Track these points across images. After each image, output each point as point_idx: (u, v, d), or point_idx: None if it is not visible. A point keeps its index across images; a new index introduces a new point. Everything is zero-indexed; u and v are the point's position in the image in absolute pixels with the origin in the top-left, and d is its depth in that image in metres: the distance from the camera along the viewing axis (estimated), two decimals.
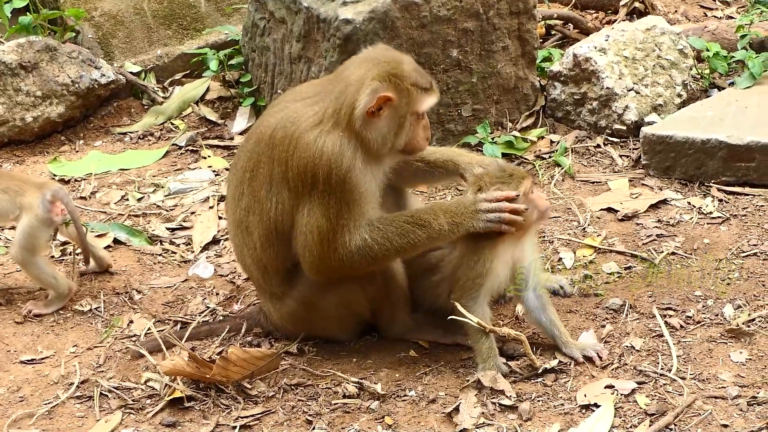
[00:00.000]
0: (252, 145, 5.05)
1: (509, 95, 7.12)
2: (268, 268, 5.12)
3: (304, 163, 4.80)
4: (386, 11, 6.60)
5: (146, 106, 7.84)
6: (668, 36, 7.26)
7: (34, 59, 7.47)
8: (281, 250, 5.03)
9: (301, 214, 4.87)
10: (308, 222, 4.83)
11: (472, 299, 4.98)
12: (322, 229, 4.82)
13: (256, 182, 4.99)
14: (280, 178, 4.90)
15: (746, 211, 6.14)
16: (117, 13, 8.05)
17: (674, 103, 7.07)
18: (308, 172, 4.80)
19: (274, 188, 4.93)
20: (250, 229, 5.06)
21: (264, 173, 4.96)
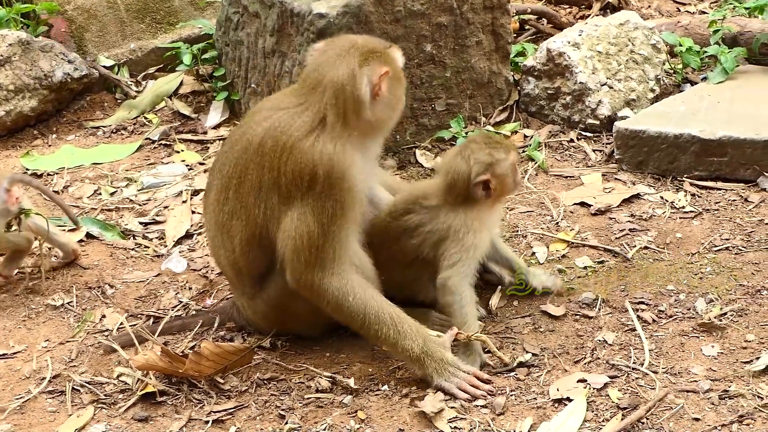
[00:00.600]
0: (238, 152, 5.02)
1: (483, 90, 7.13)
2: (243, 270, 5.12)
3: (300, 168, 4.79)
4: (360, 5, 6.59)
5: (119, 100, 7.81)
6: (641, 31, 7.28)
7: (6, 53, 7.43)
8: (258, 256, 5.04)
9: (290, 218, 4.85)
10: (298, 226, 4.82)
11: (463, 277, 5.07)
12: (313, 234, 4.80)
13: (243, 188, 4.98)
14: (270, 184, 4.89)
15: (718, 206, 6.16)
16: (90, 7, 8.01)
17: (647, 98, 7.10)
18: (305, 176, 4.79)
19: (263, 194, 4.92)
20: (231, 233, 5.05)
21: (253, 180, 4.95)
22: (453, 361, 4.85)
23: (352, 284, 4.86)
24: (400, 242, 5.20)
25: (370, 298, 4.87)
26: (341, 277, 4.85)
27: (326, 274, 4.84)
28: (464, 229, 5.10)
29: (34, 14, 7.93)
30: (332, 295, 4.85)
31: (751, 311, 5.23)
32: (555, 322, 5.28)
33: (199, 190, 6.65)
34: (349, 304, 4.85)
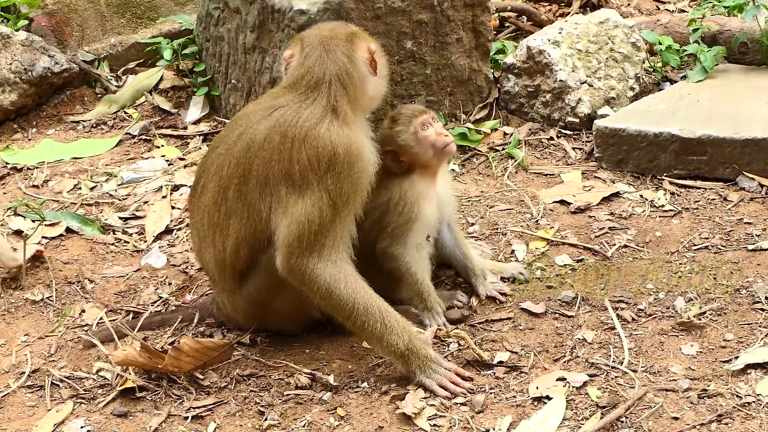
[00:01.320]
0: (239, 152, 5.01)
1: (463, 87, 7.14)
2: (227, 267, 5.10)
3: (317, 152, 4.83)
4: (341, 2, 6.59)
5: (99, 95, 7.80)
6: (621, 29, 7.30)
7: None
8: (247, 253, 5.03)
9: (302, 205, 4.83)
10: (311, 211, 4.81)
11: (401, 245, 5.18)
12: (324, 217, 4.82)
13: (247, 186, 4.97)
14: (279, 176, 4.89)
15: (698, 205, 6.18)
16: (70, 2, 7.98)
17: (627, 96, 7.12)
18: (323, 159, 4.83)
19: (270, 188, 4.92)
20: (226, 232, 5.04)
21: (258, 176, 4.94)
22: (435, 358, 4.87)
23: (344, 273, 4.87)
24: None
25: (360, 289, 4.87)
26: (336, 265, 4.86)
27: (321, 260, 4.84)
28: (401, 201, 5.22)
29: (15, 8, 7.90)
30: (324, 282, 4.84)
31: (730, 310, 5.25)
32: (535, 320, 5.29)
33: (179, 185, 6.65)
34: (339, 293, 4.84)
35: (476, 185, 6.52)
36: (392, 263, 5.22)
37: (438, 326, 5.12)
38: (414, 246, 5.23)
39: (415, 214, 5.21)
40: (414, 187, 5.25)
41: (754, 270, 5.55)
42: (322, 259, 4.83)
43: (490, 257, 5.75)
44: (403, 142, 5.27)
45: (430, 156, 5.29)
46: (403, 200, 5.21)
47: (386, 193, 5.23)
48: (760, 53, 7.33)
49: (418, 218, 5.21)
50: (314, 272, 4.83)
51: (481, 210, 6.24)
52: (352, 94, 4.98)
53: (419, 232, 5.24)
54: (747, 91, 6.93)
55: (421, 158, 5.29)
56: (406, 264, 5.21)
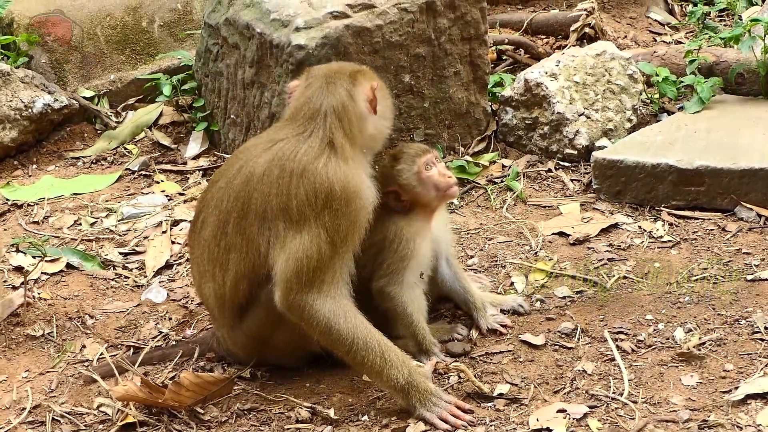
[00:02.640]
0: (239, 185, 5.02)
1: (461, 120, 7.17)
2: (227, 302, 5.10)
3: (314, 188, 4.82)
4: (339, 37, 6.63)
5: (99, 131, 7.83)
6: (618, 61, 7.33)
7: None
8: (246, 288, 5.02)
9: (300, 240, 4.83)
10: (309, 247, 4.80)
11: (397, 284, 5.17)
12: (323, 254, 4.81)
13: (246, 221, 4.97)
14: (277, 211, 4.89)
15: (696, 235, 6.20)
16: (71, 38, 8.02)
17: (624, 128, 7.14)
18: (320, 195, 4.82)
19: (268, 223, 4.92)
20: (226, 266, 5.03)
21: (257, 210, 4.94)
22: (435, 391, 4.87)
23: (343, 308, 4.86)
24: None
25: (359, 324, 4.87)
26: (335, 301, 4.85)
27: (320, 296, 4.83)
28: (397, 239, 5.21)
29: (15, 45, 7.93)
30: (323, 318, 4.83)
31: (730, 341, 5.25)
32: (535, 351, 5.29)
33: (178, 220, 6.67)
34: (338, 328, 4.84)
35: (475, 218, 6.54)
36: (388, 303, 5.21)
37: (438, 360, 5.13)
38: (410, 285, 5.22)
39: (411, 252, 5.21)
40: (411, 225, 5.25)
41: (753, 300, 5.56)
42: (321, 294, 4.83)
43: (489, 290, 5.76)
44: (406, 181, 5.27)
45: (432, 197, 5.29)
46: (398, 238, 5.21)
47: (382, 230, 5.22)
48: (756, 84, 7.37)
49: (413, 256, 5.22)
50: (313, 308, 4.83)
51: (480, 242, 6.25)
52: (349, 129, 4.97)
53: (415, 270, 5.25)
54: (744, 122, 6.96)
55: (423, 198, 5.29)
56: (402, 305, 5.20)
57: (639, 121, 7.24)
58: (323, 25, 6.65)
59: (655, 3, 9.10)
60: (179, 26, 8.29)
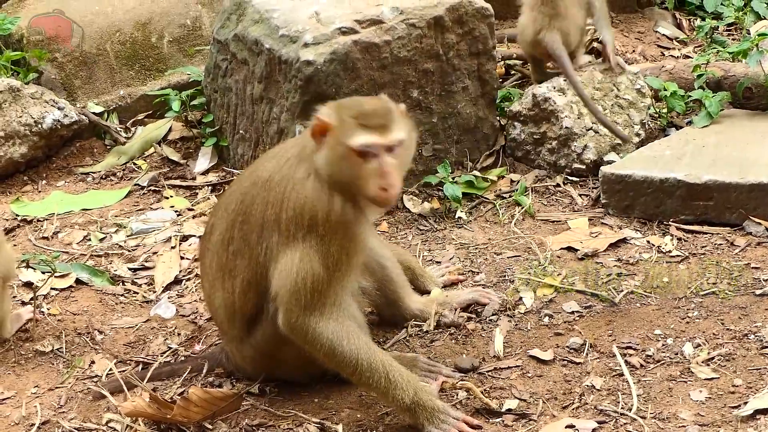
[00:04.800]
0: (246, 189, 5.05)
1: (469, 135, 7.18)
2: (237, 312, 5.11)
3: (300, 206, 4.80)
4: (347, 52, 6.64)
5: (109, 147, 7.84)
6: (626, 76, 7.34)
7: None
8: (253, 297, 5.03)
9: (290, 258, 4.82)
10: (301, 268, 4.78)
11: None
12: (318, 277, 4.78)
13: (247, 226, 4.98)
14: (272, 221, 4.89)
15: (705, 250, 6.20)
16: (80, 54, 8.05)
17: (633, 142, 7.14)
18: (306, 215, 4.79)
19: (266, 232, 4.92)
20: (234, 273, 5.04)
21: (257, 216, 4.95)
22: (443, 408, 4.86)
23: (347, 330, 4.86)
24: None
25: (363, 345, 4.87)
26: (337, 323, 4.85)
27: (323, 319, 4.83)
28: None
29: (25, 61, 7.95)
30: (327, 341, 4.83)
31: (739, 356, 5.25)
32: (543, 367, 5.30)
33: (187, 235, 6.68)
34: (342, 350, 4.83)
35: (483, 233, 6.54)
36: None
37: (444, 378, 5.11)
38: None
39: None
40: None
41: (761, 315, 5.56)
42: (323, 317, 4.83)
43: (498, 305, 5.75)
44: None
45: None
46: None
47: None
48: (764, 98, 7.37)
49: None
50: (315, 331, 4.83)
51: (489, 258, 6.26)
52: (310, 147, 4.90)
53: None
54: (752, 136, 6.96)
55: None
56: None
57: (647, 136, 7.24)
58: (332, 40, 6.67)
59: (663, 17, 9.10)
60: (188, 42, 8.31)
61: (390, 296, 5.64)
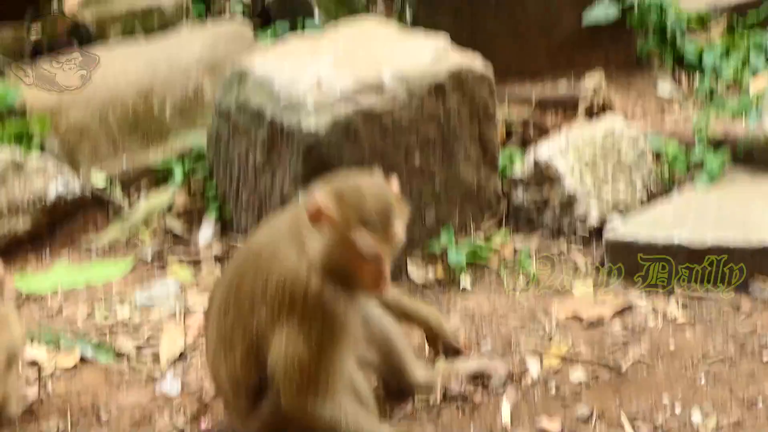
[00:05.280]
0: (241, 258, 5.08)
1: (472, 200, 7.18)
2: (241, 384, 5.08)
3: (282, 281, 4.78)
4: (349, 120, 6.66)
5: (112, 218, 7.83)
6: (627, 137, 7.36)
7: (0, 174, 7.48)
8: (254, 367, 4.99)
9: (279, 337, 4.81)
10: (288, 348, 4.77)
11: None
12: (304, 359, 4.76)
13: (241, 295, 4.97)
14: (260, 294, 4.87)
15: (711, 315, 6.19)
16: (82, 125, 8.07)
17: (635, 205, 7.15)
18: (287, 292, 4.77)
19: (256, 305, 4.89)
20: (233, 344, 5.02)
21: (248, 287, 4.93)
22: None
23: (346, 410, 4.84)
24: None
25: (365, 423, 4.86)
26: (334, 403, 4.83)
27: (319, 401, 4.81)
28: None
29: (27, 133, 7.96)
30: (326, 422, 4.82)
31: (748, 425, 5.23)
32: None
33: (192, 308, 6.67)
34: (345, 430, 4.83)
35: (488, 301, 6.53)
36: None
37: None
38: None
39: None
40: None
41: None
42: (318, 398, 4.81)
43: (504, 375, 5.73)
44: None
45: None
46: None
47: None
48: (766, 157, 7.37)
49: None
50: (314, 413, 4.82)
51: (494, 327, 6.24)
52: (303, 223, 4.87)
53: None
54: (755, 197, 6.97)
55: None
56: None
57: (650, 197, 7.26)
58: (333, 109, 6.68)
59: (662, 75, 9.13)
60: (191, 110, 8.34)
61: (395, 367, 5.60)
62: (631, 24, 9.04)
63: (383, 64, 6.90)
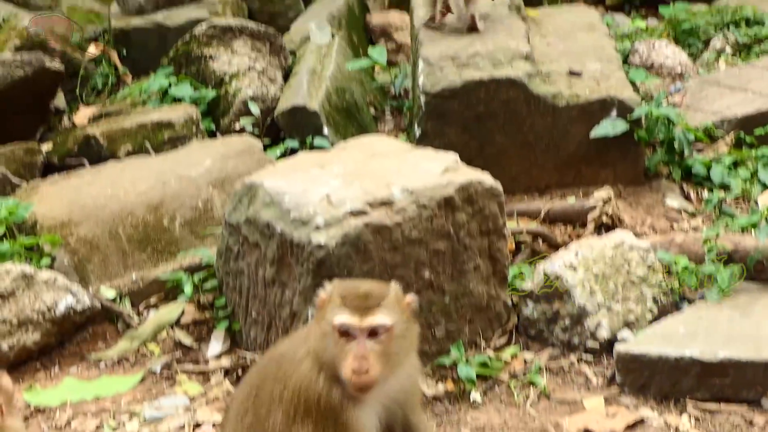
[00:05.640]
0: (263, 363, 5.11)
1: (482, 314, 7.17)
2: None
3: (297, 386, 4.79)
4: (358, 235, 6.68)
5: (121, 331, 7.82)
6: (637, 251, 7.36)
7: (10, 287, 7.47)
8: None
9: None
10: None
11: None
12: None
13: (258, 400, 4.96)
14: (277, 398, 4.86)
15: (723, 429, 6.14)
16: (92, 239, 8.11)
17: (646, 319, 7.13)
18: (301, 397, 4.78)
19: (273, 409, 4.88)
20: None
21: (267, 391, 4.93)
22: None
23: None
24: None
25: None
26: None
27: None
28: None
29: (38, 247, 8.00)
30: None
31: None
32: None
33: (200, 422, 6.63)
34: None
35: (499, 415, 6.49)
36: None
37: None
38: None
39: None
40: None
41: None
42: None
43: None
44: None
45: None
46: None
47: None
48: None
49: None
50: None
51: None
52: None
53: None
54: (766, 310, 6.95)
55: None
56: None
57: (660, 311, 7.23)
58: (343, 223, 6.71)
59: (671, 189, 9.17)
60: (200, 224, 8.38)
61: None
62: (638, 138, 9.08)
63: (393, 178, 6.95)
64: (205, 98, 10.51)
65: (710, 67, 11.61)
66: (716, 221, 8.45)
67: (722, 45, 11.94)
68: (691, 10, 12.79)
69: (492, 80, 9.06)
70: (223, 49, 10.83)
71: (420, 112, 9.19)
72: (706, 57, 11.85)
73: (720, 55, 11.83)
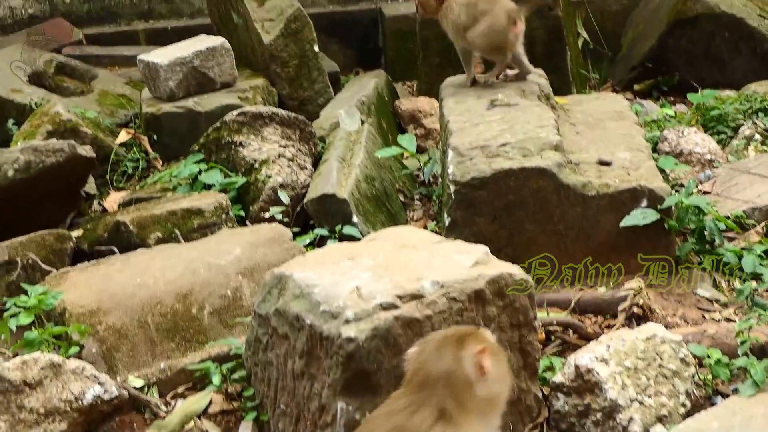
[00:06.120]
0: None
1: (512, 407, 7.08)
2: None
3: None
4: (389, 328, 6.64)
5: (148, 421, 7.79)
6: (669, 345, 7.30)
7: (38, 376, 7.45)
8: None
9: None
10: None
11: None
12: None
13: None
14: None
15: None
16: (121, 327, 8.10)
17: (679, 413, 7.06)
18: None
19: None
20: None
21: None
22: None
23: None
24: None
25: None
26: None
27: None
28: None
29: (66, 335, 8.00)
30: None
31: None
32: None
33: None
34: None
35: None
36: None
37: None
38: None
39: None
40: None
41: None
42: None
43: None
44: None
45: None
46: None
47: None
48: None
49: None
50: None
51: None
52: (460, 397, 5.00)
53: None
54: None
55: None
56: None
57: (693, 405, 7.16)
58: (373, 316, 6.67)
59: (702, 279, 9.11)
60: (229, 313, 8.36)
61: None
62: (669, 227, 9.05)
63: (423, 271, 6.93)
64: (235, 185, 10.55)
65: (740, 154, 11.59)
66: (749, 312, 8.37)
67: (751, 132, 11.92)
68: (720, 97, 12.80)
69: (522, 169, 9.05)
70: (254, 136, 10.88)
71: (449, 200, 9.18)
72: (735, 144, 11.84)
73: (749, 142, 11.81)
